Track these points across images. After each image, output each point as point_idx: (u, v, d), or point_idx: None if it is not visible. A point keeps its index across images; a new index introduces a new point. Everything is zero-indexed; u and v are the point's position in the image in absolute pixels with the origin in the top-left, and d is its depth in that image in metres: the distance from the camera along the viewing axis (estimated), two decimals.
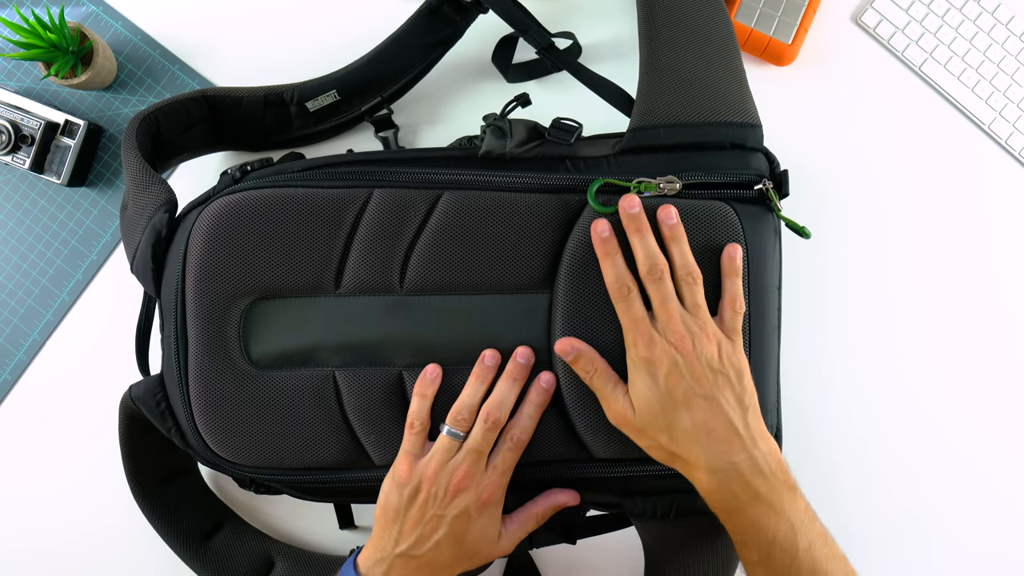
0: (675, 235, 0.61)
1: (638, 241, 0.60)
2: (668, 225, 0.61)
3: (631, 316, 0.60)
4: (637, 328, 0.59)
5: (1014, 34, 0.83)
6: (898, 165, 0.83)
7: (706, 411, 0.58)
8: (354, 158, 0.66)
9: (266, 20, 0.83)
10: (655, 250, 0.60)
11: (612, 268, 0.61)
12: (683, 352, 0.58)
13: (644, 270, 0.60)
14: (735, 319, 0.62)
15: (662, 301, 0.60)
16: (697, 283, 0.61)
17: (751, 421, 0.59)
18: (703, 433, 0.58)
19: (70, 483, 0.81)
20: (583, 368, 0.61)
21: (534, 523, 0.65)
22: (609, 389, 0.61)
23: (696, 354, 0.59)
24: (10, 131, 0.78)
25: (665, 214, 0.61)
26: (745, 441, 0.58)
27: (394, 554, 0.61)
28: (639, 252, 0.60)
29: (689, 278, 0.60)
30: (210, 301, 0.63)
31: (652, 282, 0.60)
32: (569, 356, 0.61)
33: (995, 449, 0.82)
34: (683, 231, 0.61)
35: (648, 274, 0.60)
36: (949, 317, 0.82)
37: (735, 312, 0.62)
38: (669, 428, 0.59)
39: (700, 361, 0.59)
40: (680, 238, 0.61)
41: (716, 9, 0.67)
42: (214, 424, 0.64)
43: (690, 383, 0.58)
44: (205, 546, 0.75)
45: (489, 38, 0.78)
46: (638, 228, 0.61)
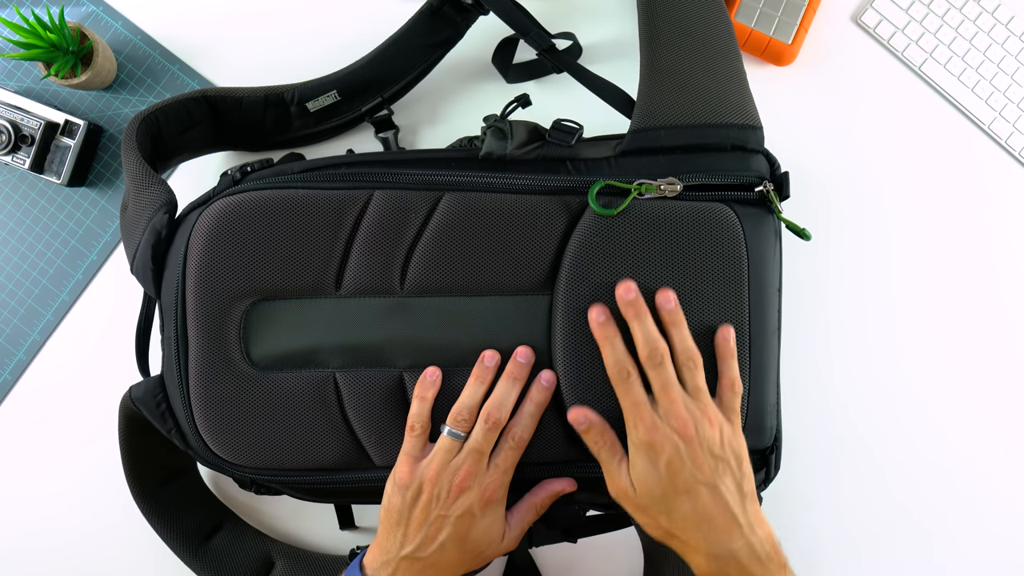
0: (674, 319, 0.61)
1: (637, 326, 0.61)
2: (667, 310, 0.61)
3: (632, 399, 0.60)
4: (638, 412, 0.59)
5: (1014, 34, 0.83)
6: (898, 165, 0.83)
7: (707, 499, 0.58)
8: (354, 159, 0.66)
9: (266, 20, 0.83)
10: (655, 335, 0.60)
11: (611, 352, 0.61)
12: (686, 438, 0.58)
13: (644, 355, 0.60)
14: (734, 400, 0.62)
15: (663, 386, 0.60)
16: (698, 367, 0.61)
17: (749, 507, 0.60)
18: (704, 520, 0.59)
19: (70, 483, 0.81)
20: (592, 439, 0.62)
21: (534, 514, 0.65)
22: (615, 464, 0.61)
23: (699, 440, 0.59)
24: (10, 131, 0.77)
25: (663, 298, 0.61)
26: (744, 528, 0.59)
27: (399, 556, 0.61)
28: (639, 337, 0.60)
29: (690, 362, 0.61)
30: (210, 302, 0.63)
31: (653, 367, 0.60)
32: (581, 426, 0.62)
33: (995, 449, 0.82)
34: (682, 315, 0.61)
35: (648, 359, 0.60)
36: (949, 317, 0.82)
37: (734, 394, 0.62)
38: (669, 512, 0.59)
39: (702, 447, 0.59)
40: (680, 322, 0.61)
41: (716, 11, 0.67)
42: (214, 425, 0.64)
43: (692, 470, 0.58)
44: (205, 546, 0.76)
45: (490, 39, 0.78)
46: (636, 313, 0.61)
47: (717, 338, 0.62)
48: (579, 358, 0.62)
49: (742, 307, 0.63)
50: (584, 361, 0.62)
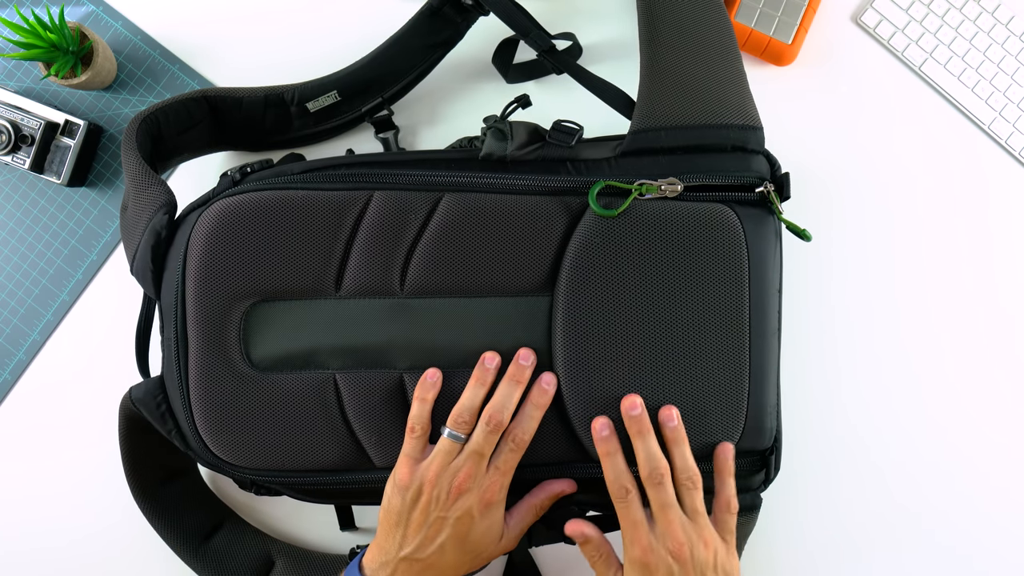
0: (676, 438, 0.62)
1: (640, 444, 0.61)
2: (669, 427, 0.62)
3: (630, 518, 0.61)
4: (635, 531, 0.60)
5: (1014, 34, 0.83)
6: (898, 166, 0.83)
7: None
8: (354, 160, 0.66)
9: (266, 20, 0.83)
10: (657, 453, 0.61)
11: (612, 468, 0.61)
12: (680, 560, 0.59)
13: (645, 473, 0.61)
14: (729, 520, 0.63)
15: (662, 507, 0.60)
16: (697, 488, 0.61)
17: None
18: None
19: (70, 483, 0.81)
20: (590, 552, 0.63)
21: (534, 515, 0.66)
22: (611, 575, 0.63)
23: (692, 563, 0.60)
24: (10, 131, 0.77)
25: (666, 416, 0.62)
26: None
27: (398, 557, 0.61)
28: (641, 455, 0.61)
29: (689, 482, 0.61)
30: (210, 303, 0.63)
31: (653, 486, 0.60)
32: (579, 539, 0.64)
33: (996, 450, 0.82)
34: (684, 434, 0.62)
35: (649, 477, 0.60)
36: (949, 317, 0.82)
37: (730, 514, 0.63)
38: None
39: (695, 569, 0.60)
40: (681, 440, 0.62)
41: (716, 12, 0.67)
42: (214, 426, 0.64)
43: None
44: (205, 546, 0.76)
45: (490, 39, 0.78)
46: (640, 431, 0.61)
47: (716, 456, 0.63)
48: (580, 360, 0.62)
49: (742, 308, 0.63)
50: (585, 362, 0.62)
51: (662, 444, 0.62)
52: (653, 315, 0.63)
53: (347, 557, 0.76)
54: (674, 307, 0.63)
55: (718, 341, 0.63)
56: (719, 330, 0.63)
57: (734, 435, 0.64)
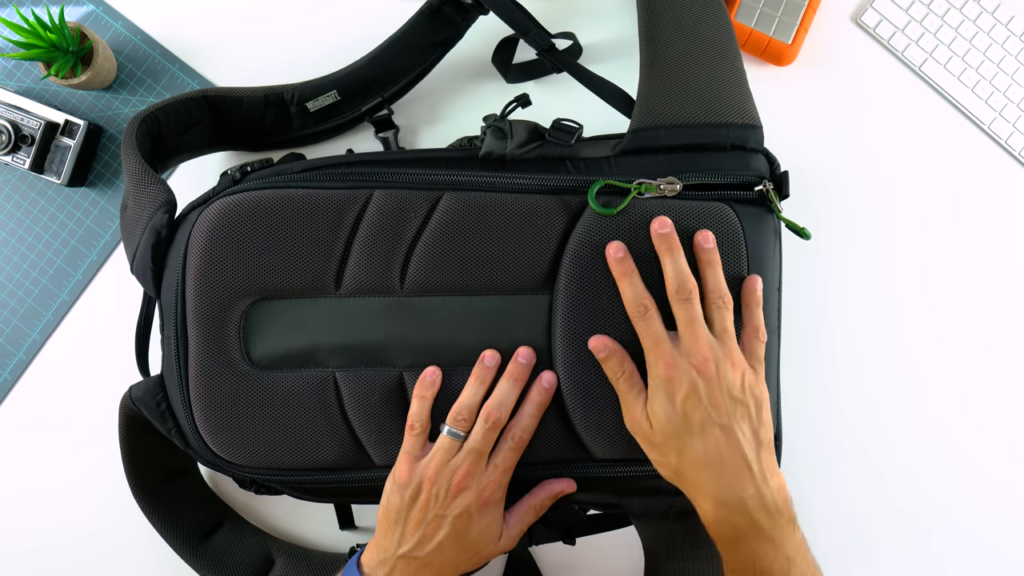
0: (711, 259, 0.61)
1: (669, 260, 0.60)
2: (705, 248, 0.61)
3: (651, 335, 0.59)
4: (658, 348, 0.59)
5: (1014, 34, 0.83)
6: (898, 165, 0.83)
7: (721, 441, 0.57)
8: (354, 159, 0.66)
9: (266, 20, 0.83)
10: (686, 270, 0.60)
11: (630, 287, 0.60)
12: (705, 376, 0.58)
13: (673, 289, 0.59)
14: (758, 347, 0.61)
15: (688, 322, 0.59)
16: (728, 308, 0.60)
17: (764, 456, 0.59)
18: (715, 463, 0.57)
19: (70, 483, 0.81)
20: (612, 368, 0.61)
21: (533, 515, 0.65)
22: (632, 395, 0.60)
23: (718, 380, 0.58)
24: (10, 131, 0.78)
25: (703, 238, 0.61)
26: (756, 476, 0.58)
27: (397, 555, 0.61)
28: (669, 271, 0.60)
29: (720, 301, 0.60)
30: (210, 302, 0.63)
31: (680, 302, 0.59)
32: (601, 354, 0.61)
33: (996, 450, 0.82)
34: (718, 257, 0.61)
35: (676, 293, 0.59)
36: (949, 316, 0.82)
37: (759, 341, 0.61)
38: (680, 451, 0.58)
39: (721, 388, 0.58)
40: (715, 263, 0.61)
41: (716, 11, 0.67)
42: (214, 425, 0.64)
43: (708, 410, 0.57)
44: (205, 544, 0.76)
45: (489, 39, 0.78)
46: (670, 248, 0.60)
47: (744, 286, 0.62)
48: (580, 358, 0.62)
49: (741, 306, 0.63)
50: (585, 361, 0.62)
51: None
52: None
53: (346, 555, 0.76)
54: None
55: None
56: None
57: None
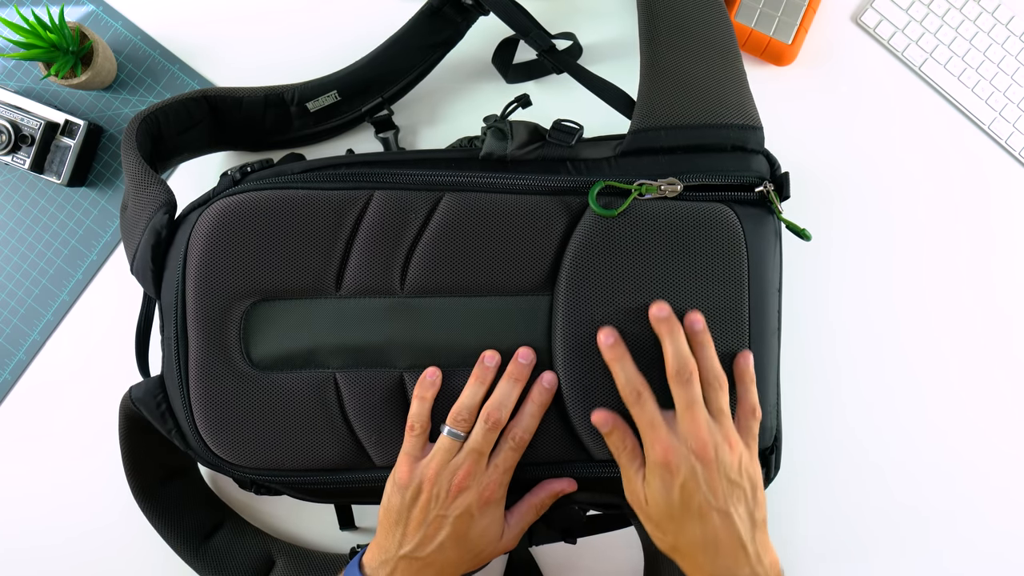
0: (703, 341, 0.61)
1: (669, 342, 0.60)
2: (695, 331, 0.61)
3: (647, 419, 0.59)
4: (655, 432, 0.59)
5: (1014, 34, 0.83)
6: (898, 166, 0.83)
7: (718, 525, 0.58)
8: (354, 159, 0.66)
9: (266, 20, 0.83)
10: (686, 352, 0.60)
11: (622, 372, 0.60)
12: (704, 461, 0.58)
13: (673, 371, 0.60)
14: (753, 425, 0.62)
15: (688, 404, 0.59)
16: (723, 388, 0.61)
17: (758, 536, 0.60)
18: (712, 545, 0.58)
19: (70, 483, 0.81)
20: (614, 443, 0.62)
21: (534, 514, 0.65)
22: (633, 471, 0.61)
23: (717, 464, 0.58)
24: (10, 131, 0.77)
25: (693, 319, 0.61)
26: (751, 557, 0.59)
27: (398, 555, 0.61)
28: (670, 352, 0.60)
29: (716, 383, 0.60)
30: (210, 303, 0.63)
31: (680, 383, 0.59)
32: (604, 428, 0.62)
33: (996, 450, 0.82)
34: (710, 338, 0.61)
35: (677, 375, 0.59)
36: (950, 316, 0.82)
37: (754, 419, 0.62)
38: (677, 532, 0.59)
39: (719, 472, 0.58)
40: (708, 344, 0.61)
41: (716, 12, 0.67)
42: (215, 426, 0.64)
43: (706, 495, 0.58)
44: (205, 545, 0.76)
45: (490, 39, 0.78)
46: (670, 330, 0.60)
47: (737, 362, 0.63)
48: (580, 358, 0.62)
49: (742, 307, 0.63)
50: (585, 361, 0.62)
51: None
52: None
53: (347, 556, 0.76)
54: (674, 306, 0.63)
55: (718, 341, 0.63)
56: (719, 330, 0.63)
57: None
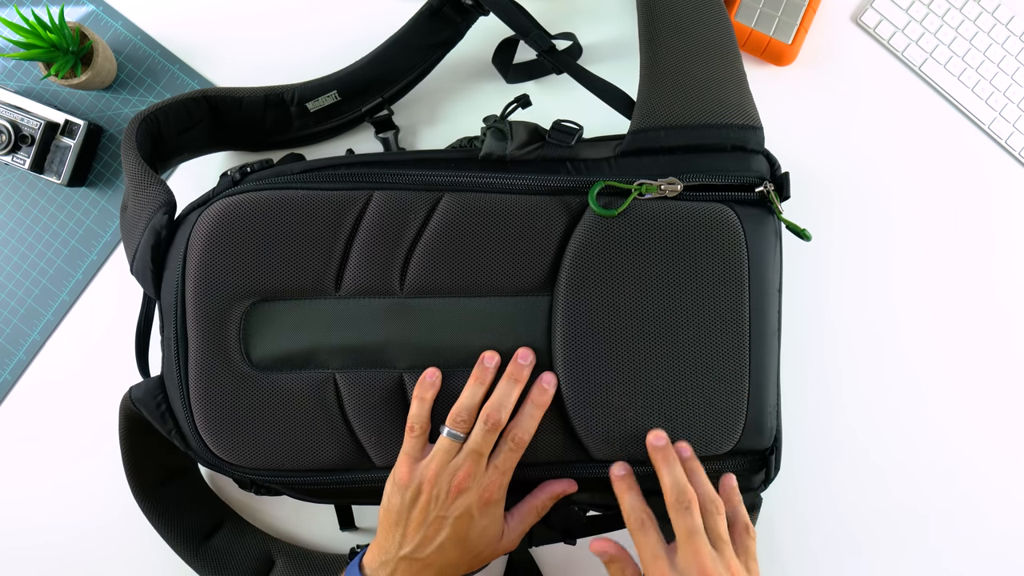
0: (693, 467, 0.62)
1: (666, 471, 0.60)
2: (684, 458, 0.62)
3: (650, 550, 0.59)
4: (656, 565, 0.58)
5: (1014, 34, 0.83)
6: (898, 166, 0.83)
7: None
8: (354, 160, 0.66)
9: (266, 20, 0.83)
10: (684, 480, 0.60)
11: (630, 501, 0.61)
12: None
13: (672, 500, 0.59)
14: (751, 545, 0.62)
15: (689, 534, 0.58)
16: (721, 513, 0.60)
17: None
18: None
19: (70, 483, 0.81)
20: (615, 572, 0.62)
21: (535, 516, 0.65)
22: None
23: None
24: (10, 131, 0.77)
25: (681, 447, 0.62)
26: None
27: (398, 556, 0.61)
28: (667, 482, 0.60)
29: (713, 507, 0.60)
30: (210, 303, 0.63)
31: (680, 512, 0.59)
32: (603, 558, 0.62)
33: (996, 450, 0.82)
34: (699, 463, 0.62)
35: (676, 503, 0.59)
36: (950, 317, 0.82)
37: (750, 538, 0.62)
38: None
39: None
40: (699, 470, 0.62)
41: (716, 11, 0.67)
42: (214, 426, 0.64)
43: None
44: (205, 545, 0.76)
45: (490, 39, 0.78)
46: (665, 459, 0.61)
47: (723, 485, 0.63)
48: (580, 359, 0.62)
49: (742, 308, 0.63)
50: (585, 362, 0.62)
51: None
52: (653, 315, 0.63)
53: (347, 557, 0.76)
54: (674, 307, 0.63)
55: (718, 341, 0.63)
56: (719, 330, 0.63)
57: (734, 435, 0.63)
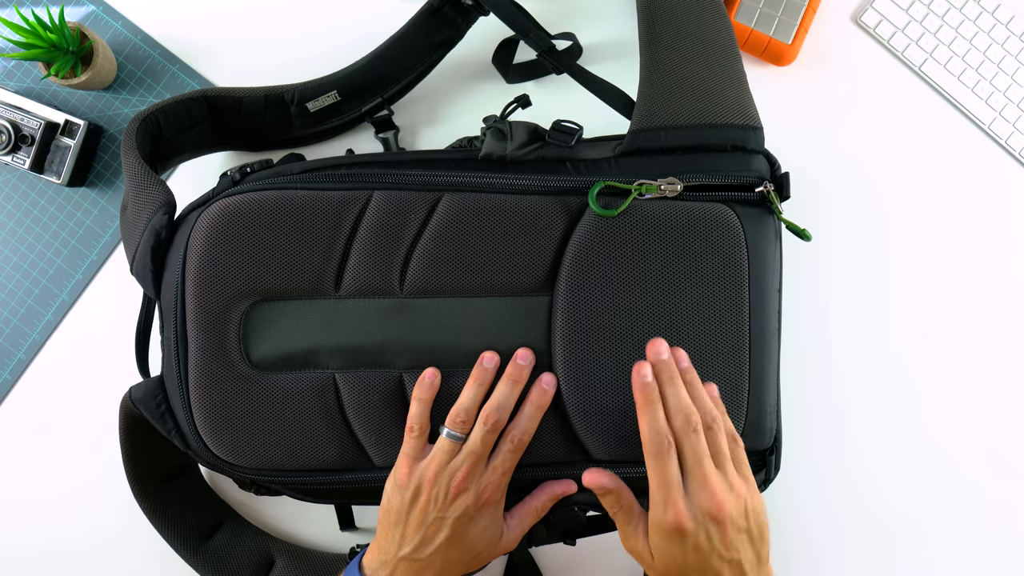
0: (690, 379, 0.60)
1: (670, 391, 0.58)
2: (682, 369, 0.60)
3: (666, 477, 0.56)
4: (670, 492, 0.56)
5: (1014, 34, 0.83)
6: (898, 166, 0.83)
7: (727, 574, 0.57)
8: (354, 160, 0.66)
9: (266, 20, 0.83)
10: (688, 402, 0.57)
11: (652, 419, 0.57)
12: (719, 522, 0.56)
13: (679, 422, 0.57)
14: (740, 452, 0.60)
15: (697, 460, 0.56)
16: (721, 430, 0.58)
17: (763, 572, 0.59)
18: None
19: (70, 483, 0.81)
20: (609, 504, 0.60)
21: (534, 517, 0.65)
22: (631, 527, 0.60)
23: (729, 519, 0.56)
24: (10, 131, 0.78)
25: (678, 357, 0.60)
26: None
27: (398, 557, 0.61)
28: (672, 403, 0.58)
29: (714, 424, 0.58)
30: (210, 303, 0.63)
31: (687, 435, 0.57)
32: (598, 491, 0.61)
33: (995, 454, 0.82)
34: (696, 375, 0.60)
35: (685, 425, 0.57)
36: (949, 316, 0.82)
37: (737, 445, 0.60)
38: None
39: (731, 525, 0.56)
40: (696, 383, 0.60)
41: (716, 12, 0.67)
42: (214, 426, 0.64)
43: (719, 551, 0.56)
44: (206, 544, 0.76)
45: (490, 39, 0.78)
46: (670, 376, 0.58)
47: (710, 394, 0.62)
48: (580, 360, 0.62)
49: (742, 308, 0.63)
50: (585, 363, 0.62)
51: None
52: (653, 315, 0.63)
53: (347, 556, 0.76)
54: (674, 307, 0.63)
55: (718, 341, 0.63)
56: (719, 330, 0.63)
57: None
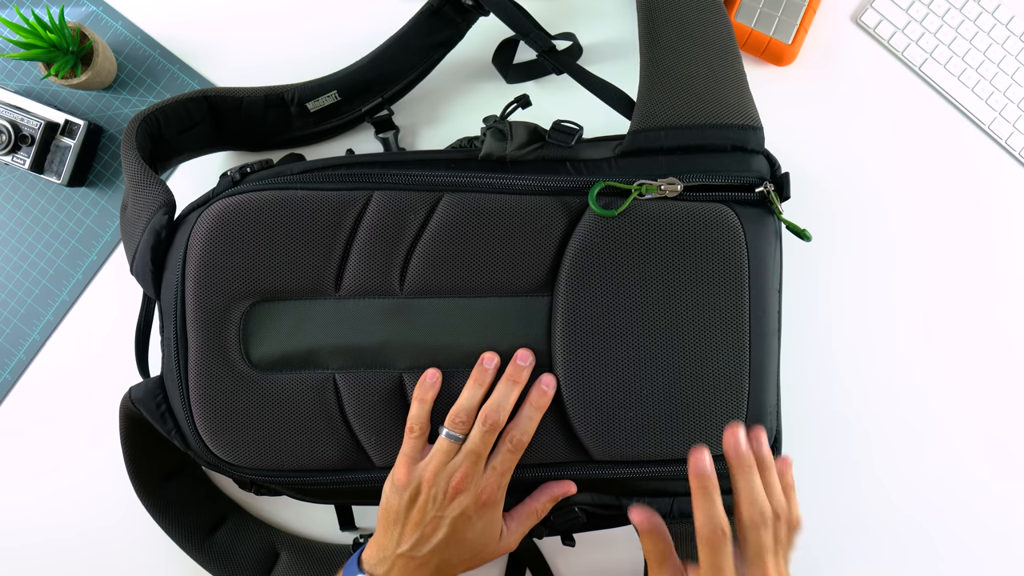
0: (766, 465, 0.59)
1: (743, 482, 0.57)
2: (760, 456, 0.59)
3: (719, 567, 0.55)
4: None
5: (1014, 34, 0.83)
6: (898, 166, 0.83)
7: None
8: (354, 160, 0.66)
9: (266, 20, 0.83)
10: (763, 496, 0.57)
11: (710, 508, 0.56)
12: None
13: (751, 514, 0.56)
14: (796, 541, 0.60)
15: (759, 554, 0.56)
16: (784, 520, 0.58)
17: None
18: None
19: (71, 483, 0.82)
20: (648, 544, 0.60)
21: (535, 518, 0.65)
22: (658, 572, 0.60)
23: None
24: (10, 131, 0.77)
25: (758, 438, 0.60)
26: None
27: (396, 553, 0.62)
28: (743, 494, 0.57)
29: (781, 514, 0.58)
30: (210, 303, 0.63)
31: (754, 527, 0.56)
32: (643, 527, 0.60)
33: (999, 452, 0.82)
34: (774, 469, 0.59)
35: (757, 518, 0.56)
36: (949, 317, 0.82)
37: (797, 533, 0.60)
38: None
39: None
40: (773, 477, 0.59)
41: (716, 12, 0.67)
42: (214, 426, 0.64)
43: None
44: (210, 540, 0.76)
45: (490, 39, 0.78)
46: (741, 467, 0.57)
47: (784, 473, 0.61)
48: (580, 360, 0.62)
49: (742, 308, 0.63)
50: (585, 363, 0.62)
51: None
52: (653, 315, 0.63)
53: (351, 548, 0.76)
54: (674, 307, 0.63)
55: (718, 341, 0.63)
56: (719, 330, 0.63)
57: None
